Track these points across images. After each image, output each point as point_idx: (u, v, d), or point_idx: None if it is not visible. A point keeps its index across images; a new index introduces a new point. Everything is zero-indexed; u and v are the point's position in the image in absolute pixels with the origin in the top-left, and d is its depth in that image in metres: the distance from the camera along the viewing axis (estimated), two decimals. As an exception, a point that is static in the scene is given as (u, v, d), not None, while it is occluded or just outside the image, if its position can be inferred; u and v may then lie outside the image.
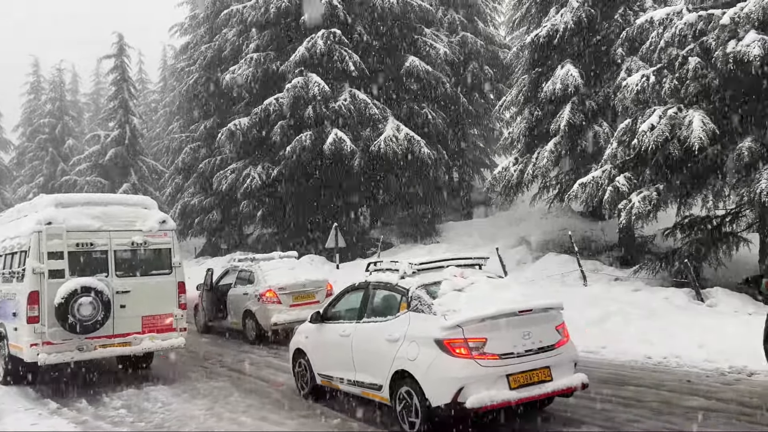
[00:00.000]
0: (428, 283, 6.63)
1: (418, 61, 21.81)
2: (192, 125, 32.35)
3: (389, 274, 7.13)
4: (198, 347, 12.23)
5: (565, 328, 6.56)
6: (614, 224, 15.93)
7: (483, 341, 5.90)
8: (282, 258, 13.92)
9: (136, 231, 9.52)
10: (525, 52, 18.33)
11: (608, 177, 13.39)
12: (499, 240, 18.60)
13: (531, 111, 17.83)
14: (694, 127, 11.33)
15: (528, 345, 6.09)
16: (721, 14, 11.53)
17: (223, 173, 25.41)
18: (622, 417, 6.76)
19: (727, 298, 11.69)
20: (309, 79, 20.35)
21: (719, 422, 6.45)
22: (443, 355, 5.91)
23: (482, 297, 6.28)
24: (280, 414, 7.54)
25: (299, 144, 20.44)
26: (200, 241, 32.42)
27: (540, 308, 6.32)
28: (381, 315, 6.96)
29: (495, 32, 27.88)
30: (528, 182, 17.77)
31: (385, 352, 6.50)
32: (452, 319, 5.99)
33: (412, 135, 20.56)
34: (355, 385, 7.12)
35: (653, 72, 12.62)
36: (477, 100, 26.18)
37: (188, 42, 34.63)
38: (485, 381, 5.84)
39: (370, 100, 20.96)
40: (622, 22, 15.82)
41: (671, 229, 14.03)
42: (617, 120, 14.53)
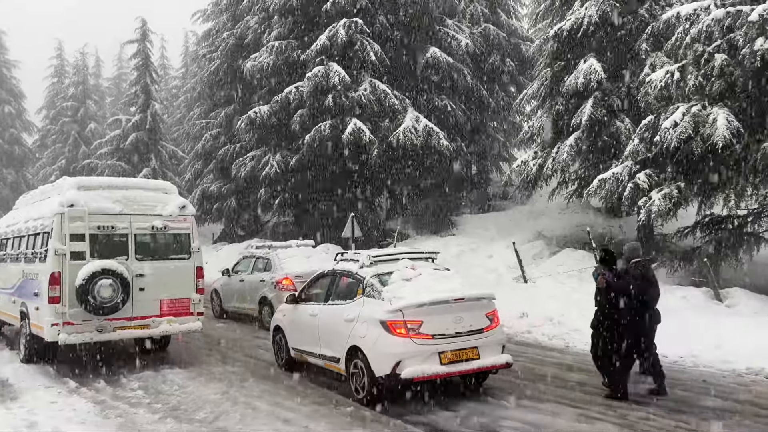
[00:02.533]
0: (381, 273, 7.70)
1: (439, 53, 21.69)
2: (212, 112, 32.47)
3: (351, 263, 8.24)
4: (214, 332, 12.36)
5: (496, 315, 7.63)
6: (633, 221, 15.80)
7: (419, 323, 7.02)
8: (299, 246, 14.03)
9: (156, 215, 9.63)
10: (548, 45, 18.13)
11: (629, 173, 13.27)
12: (516, 234, 18.51)
13: (552, 105, 17.68)
14: (718, 125, 11.18)
15: (459, 328, 7.20)
16: (750, 11, 11.33)
17: (242, 160, 25.51)
18: (635, 415, 6.75)
19: (747, 300, 11.56)
20: (329, 68, 20.32)
21: (733, 423, 6.42)
22: (386, 334, 7.05)
23: (425, 286, 7.34)
24: (294, 400, 7.62)
25: (318, 133, 20.45)
26: (218, 227, 32.64)
27: (472, 297, 7.42)
28: (342, 299, 8.03)
29: (518, 24, 27.58)
30: (547, 177, 17.63)
31: (342, 331, 7.61)
32: (395, 304, 7.10)
33: (431, 127, 20.48)
34: (320, 358, 8.21)
35: (678, 68, 12.44)
36: (497, 92, 25.96)
37: (210, 29, 34.71)
38: (419, 356, 6.96)
39: (390, 91, 20.88)
40: (648, 16, 15.59)
41: (691, 228, 13.88)
42: (640, 116, 14.34)
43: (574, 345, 10.50)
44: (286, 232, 24.65)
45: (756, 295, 11.71)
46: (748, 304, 11.33)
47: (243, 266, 14.29)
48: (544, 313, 12.12)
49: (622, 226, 18.33)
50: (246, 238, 27.46)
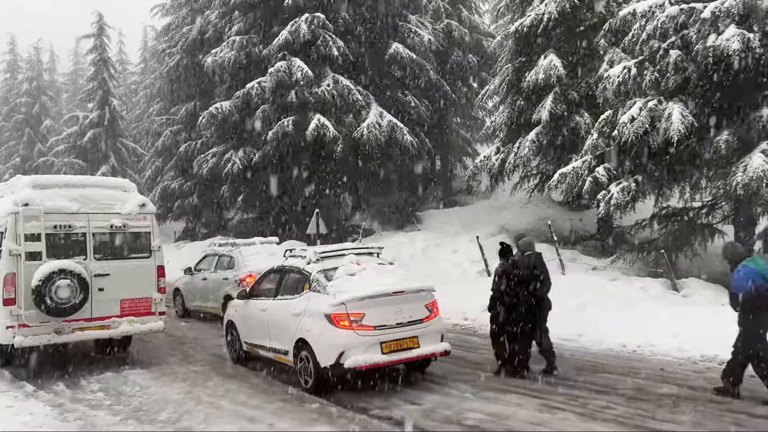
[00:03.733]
0: (327, 269, 8.01)
1: (402, 48, 21.74)
2: (173, 108, 31.97)
3: (299, 260, 8.52)
4: (176, 331, 12.19)
5: (436, 305, 8.02)
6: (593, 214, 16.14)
7: (361, 315, 7.38)
8: (262, 243, 13.92)
9: (115, 214, 9.44)
10: (509, 41, 18.36)
11: (588, 167, 13.53)
12: (480, 228, 18.70)
13: (513, 100, 17.90)
14: (673, 120, 11.47)
15: (399, 319, 7.57)
16: (703, 8, 11.65)
17: (204, 157, 25.19)
18: (595, 403, 6.89)
19: (702, 289, 11.92)
20: (292, 64, 20.19)
21: (689, 409, 6.61)
22: (330, 327, 7.39)
23: (368, 280, 7.69)
24: (259, 398, 7.58)
25: (281, 129, 20.30)
26: (180, 225, 32.17)
27: (412, 290, 7.80)
28: (290, 294, 8.31)
29: (479, 20, 27.81)
30: (509, 171, 17.88)
31: (290, 324, 7.93)
32: (339, 298, 7.43)
33: (395, 122, 20.52)
34: (270, 351, 8.51)
35: (635, 64, 12.72)
36: (460, 88, 26.17)
37: (170, 23, 34.12)
38: (362, 347, 7.32)
39: (354, 86, 20.85)
40: (606, 13, 15.87)
41: (648, 220, 14.23)
42: (599, 111, 14.63)
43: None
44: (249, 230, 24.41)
45: (710, 285, 12.07)
46: (702, 293, 11.68)
47: (206, 264, 14.11)
48: (507, 306, 12.26)
49: (583, 219, 18.69)
50: (209, 236, 27.13)
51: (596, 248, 17.01)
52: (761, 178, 10.52)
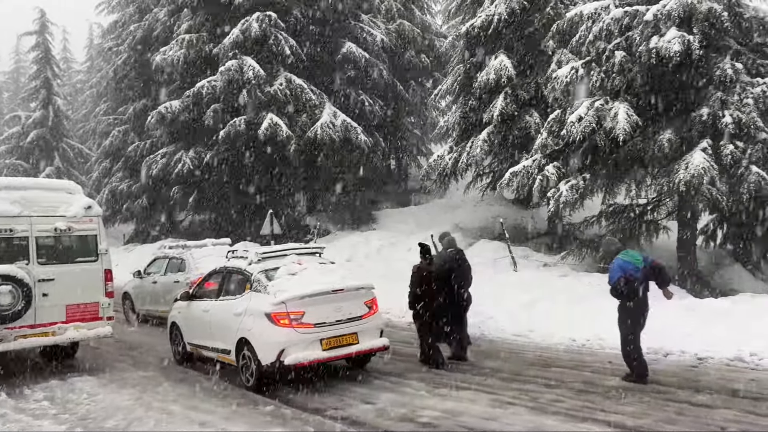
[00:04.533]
0: (268, 269, 8.19)
1: (355, 48, 21.72)
2: (120, 107, 31.18)
3: (241, 261, 8.70)
4: (126, 336, 11.90)
5: (375, 302, 8.30)
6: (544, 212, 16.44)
7: (301, 314, 7.59)
8: (215, 245, 13.71)
9: (59, 217, 9.16)
10: (460, 41, 18.55)
11: (538, 166, 13.77)
12: (434, 227, 18.81)
13: (465, 100, 18.09)
14: (619, 119, 11.78)
15: (339, 316, 7.82)
16: (645, 11, 12.00)
17: (153, 158, 24.64)
18: (546, 397, 7.04)
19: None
20: (243, 63, 19.93)
21: (634, 400, 6.81)
22: (271, 326, 7.57)
23: (308, 279, 7.92)
24: (211, 402, 7.47)
25: (233, 128, 20.03)
26: (129, 228, 31.38)
27: (352, 288, 8.05)
28: (232, 294, 8.48)
29: (432, 21, 28.00)
30: (462, 171, 18.07)
31: (232, 324, 8.07)
32: (279, 297, 7.63)
33: (348, 122, 20.49)
34: (213, 351, 8.63)
35: (582, 65, 13.01)
36: (414, 88, 26.31)
37: (116, 20, 33.22)
38: (302, 344, 7.54)
39: (307, 86, 20.73)
40: (554, 15, 16.17)
41: (597, 217, 14.57)
42: (548, 111, 14.92)
43: (489, 333, 10.80)
44: (202, 231, 24.01)
45: (655, 279, 12.43)
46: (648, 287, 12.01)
47: (156, 267, 13.82)
48: (461, 304, 12.39)
49: (534, 217, 19.03)
50: (159, 238, 26.52)
51: (547, 245, 17.34)
52: (702, 175, 10.90)
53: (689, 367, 8.21)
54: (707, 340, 8.79)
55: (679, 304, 10.69)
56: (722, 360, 8.30)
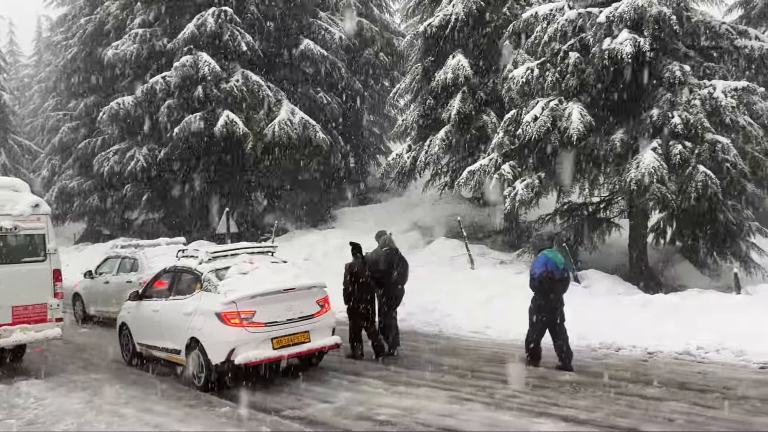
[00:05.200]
0: (219, 268, 8.16)
1: (313, 45, 21.57)
2: (71, 103, 30.29)
3: (191, 260, 8.65)
4: (76, 338, 11.56)
5: (327, 301, 8.37)
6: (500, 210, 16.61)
7: (252, 313, 7.58)
8: (168, 244, 13.42)
9: (5, 215, 8.83)
10: (418, 40, 18.62)
11: (495, 165, 13.93)
12: (393, 225, 18.87)
13: (424, 99, 18.18)
14: (573, 119, 12.02)
15: (290, 315, 7.84)
16: (599, 13, 12.27)
17: (105, 154, 24.02)
18: (502, 393, 7.13)
19: (601, 280, 12.56)
20: (199, 58, 19.58)
21: (587, 394, 6.96)
22: (221, 325, 7.57)
23: (260, 279, 7.90)
24: (165, 404, 7.31)
25: (188, 125, 19.66)
26: (80, 227, 30.52)
27: (303, 287, 8.11)
28: (182, 294, 8.41)
29: (390, 19, 28.04)
30: (421, 169, 18.17)
31: (182, 324, 8.01)
32: (229, 297, 7.61)
33: (307, 119, 20.34)
34: (162, 351, 8.56)
35: (537, 65, 13.22)
36: (372, 86, 26.30)
37: (66, 13, 32.25)
38: (252, 343, 7.54)
39: (264, 82, 20.48)
40: (510, 15, 16.39)
41: (551, 215, 14.83)
42: (504, 110, 15.11)
43: (447, 330, 10.89)
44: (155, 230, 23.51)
45: (608, 276, 12.75)
46: (601, 283, 12.31)
47: (107, 267, 13.47)
48: (419, 301, 12.39)
49: (491, 215, 19.23)
50: (112, 238, 25.87)
51: (504, 243, 17.58)
52: (652, 174, 11.20)
53: (640, 361, 8.43)
54: (657, 334, 9.04)
55: (631, 300, 11.02)
56: (671, 354, 8.55)
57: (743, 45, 12.71)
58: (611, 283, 12.35)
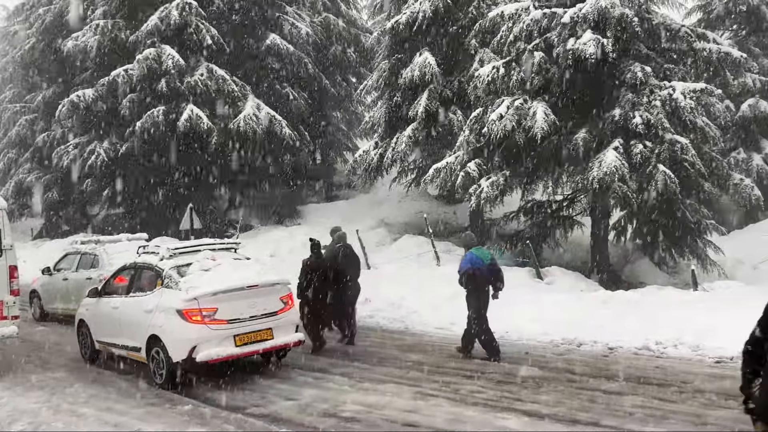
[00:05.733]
0: (181, 265, 8.09)
1: (280, 40, 21.37)
2: (28, 95, 29.44)
3: (152, 256, 8.57)
4: (34, 336, 11.26)
5: (291, 298, 8.36)
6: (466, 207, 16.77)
7: (214, 310, 7.52)
8: (130, 240, 13.15)
9: (-43, 210, 8.53)
10: (386, 37, 18.63)
11: (461, 163, 14.04)
12: (360, 222, 18.85)
13: (391, 96, 18.20)
14: (537, 118, 12.18)
15: (253, 312, 7.78)
16: (563, 13, 12.46)
17: (65, 148, 23.40)
18: (467, 388, 7.19)
19: (563, 276, 12.76)
20: (162, 51, 19.22)
21: (550, 389, 7.07)
22: (182, 322, 7.49)
23: (222, 275, 7.83)
24: (126, 403, 7.19)
25: (150, 119, 19.29)
26: (38, 222, 29.68)
27: (267, 284, 8.06)
28: (143, 291, 8.35)
29: (357, 15, 27.93)
30: (387, 166, 18.20)
31: (142, 321, 7.93)
32: (191, 294, 7.53)
33: (273, 114, 20.15)
34: (122, 349, 8.45)
35: (503, 64, 13.35)
36: (340, 82, 26.17)
37: (24, 3, 31.24)
38: (214, 340, 7.50)
39: (229, 77, 20.21)
40: (476, 14, 16.49)
41: (516, 213, 15.02)
42: (471, 108, 15.23)
43: (413, 326, 10.93)
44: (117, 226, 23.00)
45: (570, 272, 12.97)
46: (563, 280, 12.51)
47: (67, 263, 13.14)
48: (385, 298, 12.45)
49: (456, 212, 19.39)
50: (71, 233, 25.24)
51: (469, 240, 17.69)
52: (614, 173, 11.43)
53: (601, 356, 8.58)
54: (618, 330, 9.22)
55: (593, 297, 11.22)
56: (631, 349, 8.72)
57: (702, 48, 13.05)
58: (573, 280, 12.56)
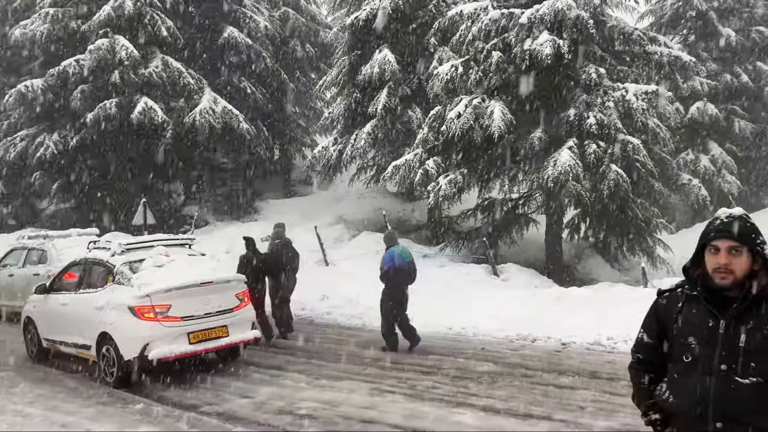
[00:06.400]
0: (133, 261, 7.95)
1: (237, 33, 21.06)
2: (-28, 84, 28.28)
3: (104, 252, 8.40)
4: (-23, 335, 10.85)
5: (247, 294, 8.31)
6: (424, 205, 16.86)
7: (167, 307, 7.38)
8: (80, 235, 12.79)
9: None
10: (345, 33, 18.57)
11: (419, 160, 14.11)
12: (318, 219, 18.75)
13: (350, 93, 18.15)
14: (494, 117, 12.33)
15: (208, 309, 7.68)
16: (521, 14, 12.63)
17: (11, 140, 22.53)
18: (423, 384, 7.24)
19: (518, 273, 12.97)
20: (115, 42, 18.70)
21: (505, 384, 7.17)
22: (134, 319, 7.34)
23: (176, 271, 7.73)
24: (75, 403, 6.99)
25: (103, 111, 18.75)
26: (-17, 217, 28.60)
27: (222, 280, 7.99)
28: (93, 287, 8.16)
29: (317, 11, 27.75)
30: (347, 163, 18.15)
31: (92, 318, 7.73)
32: (143, 290, 7.40)
33: (230, 109, 19.85)
34: (71, 347, 8.26)
35: (461, 63, 13.46)
36: (299, 78, 25.96)
37: (-32, -13, 30.05)
38: (168, 338, 7.35)
39: (185, 70, 19.81)
40: (436, 12, 16.58)
41: (473, 210, 15.17)
42: (429, 106, 15.30)
43: (370, 323, 10.91)
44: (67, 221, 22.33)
45: (525, 269, 13.19)
46: (519, 277, 12.72)
47: (12, 259, 12.70)
48: (343, 294, 12.45)
49: (415, 209, 19.46)
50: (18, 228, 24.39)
51: (427, 237, 17.81)
52: (568, 173, 11.65)
53: (554, 351, 8.75)
54: (571, 326, 9.42)
55: (547, 293, 11.43)
56: (583, 344, 8.92)
57: (653, 51, 13.41)
58: (528, 277, 12.77)
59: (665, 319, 2.57)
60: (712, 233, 2.44)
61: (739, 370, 2.30)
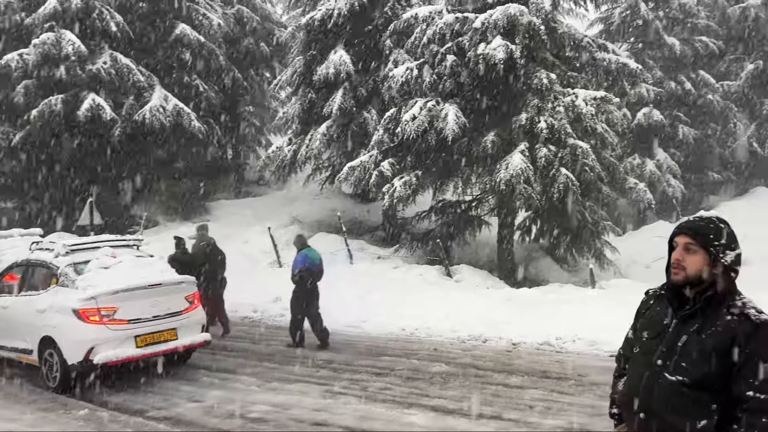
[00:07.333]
0: (78, 262, 7.73)
1: (190, 30, 20.68)
2: None
3: (47, 253, 8.15)
4: None
5: (197, 297, 8.14)
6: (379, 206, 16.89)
7: (114, 310, 7.21)
8: (23, 236, 12.33)
9: None
10: (300, 33, 18.43)
11: (374, 162, 14.13)
12: (272, 219, 18.57)
13: (305, 93, 18.02)
14: (448, 120, 12.44)
15: (156, 311, 7.49)
16: (474, 18, 12.78)
17: (-51, 136, 21.62)
18: (375, 386, 7.24)
19: (471, 275, 13.11)
20: (62, 36, 18.13)
21: (456, 384, 7.24)
22: (78, 322, 7.13)
23: (123, 273, 7.55)
24: (15, 409, 6.74)
25: (48, 108, 18.16)
26: None
27: (171, 282, 7.85)
28: (36, 289, 7.95)
29: (272, 9, 27.50)
30: (301, 163, 18.03)
31: (34, 322, 7.51)
32: (88, 292, 7.20)
33: (181, 107, 19.48)
34: (11, 351, 7.99)
35: (416, 66, 13.55)
36: (253, 77, 25.65)
37: None
38: (114, 342, 7.16)
39: (135, 66, 19.35)
40: (392, 14, 16.62)
41: (427, 212, 15.29)
42: (385, 108, 15.34)
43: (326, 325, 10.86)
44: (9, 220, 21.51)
45: (478, 271, 13.35)
46: (471, 278, 12.86)
47: (-50, 260, 12.13)
48: (296, 296, 12.34)
49: (370, 211, 19.48)
50: (-44, 228, 23.37)
51: (382, 238, 17.84)
52: (519, 176, 11.85)
53: (505, 351, 8.88)
54: (521, 326, 9.58)
55: (498, 294, 11.60)
56: (533, 344, 9.08)
57: (602, 58, 13.76)
58: (481, 278, 12.93)
59: (640, 315, 2.67)
60: (675, 229, 2.52)
61: (670, 368, 2.38)
